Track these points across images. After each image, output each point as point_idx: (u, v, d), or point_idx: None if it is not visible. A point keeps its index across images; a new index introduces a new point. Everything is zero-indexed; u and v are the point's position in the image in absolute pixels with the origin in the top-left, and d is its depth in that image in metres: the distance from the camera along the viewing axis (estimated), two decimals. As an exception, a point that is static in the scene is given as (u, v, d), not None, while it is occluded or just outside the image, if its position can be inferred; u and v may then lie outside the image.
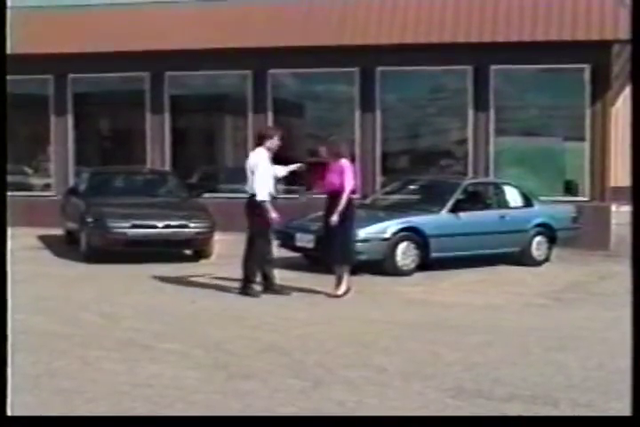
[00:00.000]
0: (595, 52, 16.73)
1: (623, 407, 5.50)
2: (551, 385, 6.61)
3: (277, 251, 13.04)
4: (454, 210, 13.49)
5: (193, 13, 18.46)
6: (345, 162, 10.85)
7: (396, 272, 12.65)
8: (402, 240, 12.79)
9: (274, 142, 10.85)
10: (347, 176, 10.65)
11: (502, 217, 14.04)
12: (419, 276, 12.74)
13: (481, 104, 17.46)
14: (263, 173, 10.60)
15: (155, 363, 7.12)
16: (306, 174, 12.84)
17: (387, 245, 12.66)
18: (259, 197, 10.55)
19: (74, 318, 9.06)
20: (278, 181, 11.44)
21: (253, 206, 10.64)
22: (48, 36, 18.69)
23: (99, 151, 20.11)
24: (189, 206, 14.61)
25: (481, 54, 17.18)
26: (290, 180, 13.24)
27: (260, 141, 10.94)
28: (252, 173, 10.64)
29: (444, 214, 13.42)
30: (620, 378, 6.24)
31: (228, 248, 14.11)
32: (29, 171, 19.92)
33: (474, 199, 14.27)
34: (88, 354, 7.35)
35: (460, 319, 9.50)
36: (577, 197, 17.15)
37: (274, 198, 10.83)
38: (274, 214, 10.59)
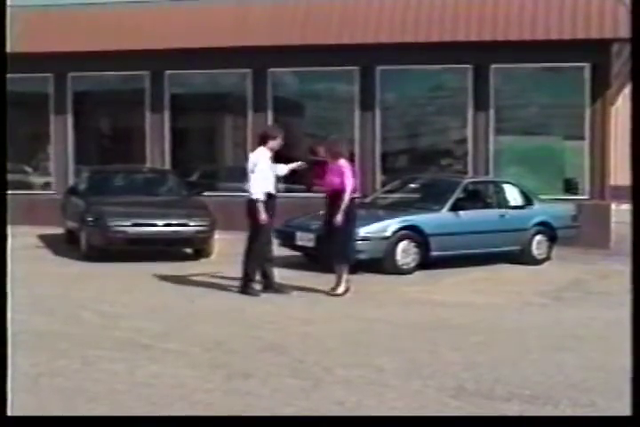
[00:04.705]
0: (594, 50, 16.74)
1: (623, 407, 5.50)
2: (551, 385, 6.61)
3: (277, 250, 13.07)
4: (454, 209, 13.49)
5: (193, 12, 18.44)
6: (344, 162, 10.87)
7: (397, 271, 12.65)
8: (402, 239, 12.79)
9: (277, 143, 10.89)
10: (347, 176, 10.67)
11: (502, 216, 14.04)
12: (419, 275, 12.75)
13: (481, 103, 17.46)
14: (259, 173, 10.61)
15: (154, 362, 7.12)
16: (306, 173, 12.85)
17: (387, 244, 12.66)
18: (253, 196, 10.57)
19: (74, 318, 9.06)
20: (279, 179, 11.41)
21: (254, 205, 10.63)
22: (48, 34, 18.69)
23: (99, 150, 20.10)
24: (189, 205, 14.61)
25: (481, 53, 17.18)
26: (290, 178, 13.21)
27: (263, 141, 10.94)
28: (252, 172, 10.65)
29: (444, 213, 13.42)
30: (620, 378, 6.24)
31: (228, 247, 14.11)
32: (29, 169, 19.93)
33: (474, 198, 14.27)
34: (88, 354, 7.35)
35: (459, 318, 9.50)
36: (577, 195, 17.16)
37: (272, 197, 10.79)
38: (263, 216, 10.55)
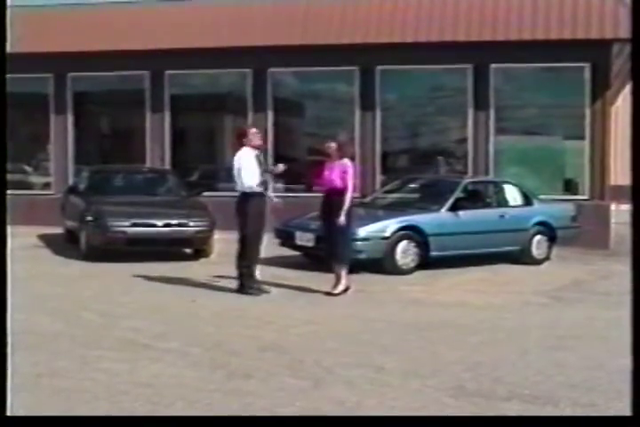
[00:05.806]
0: (594, 50, 16.74)
1: (623, 407, 5.50)
2: (551, 385, 6.61)
3: (277, 250, 13.09)
4: (454, 209, 13.49)
5: (193, 12, 18.45)
6: (348, 161, 10.89)
7: (396, 271, 12.65)
8: (402, 239, 12.78)
9: (248, 140, 10.87)
10: (349, 175, 10.69)
11: (502, 216, 14.04)
12: (418, 275, 12.74)
13: (481, 103, 17.46)
14: (247, 170, 10.61)
15: (154, 362, 7.12)
16: (306, 173, 12.81)
17: (386, 244, 12.66)
18: (246, 189, 10.56)
19: (74, 318, 9.06)
20: (277, 179, 11.39)
21: (245, 204, 10.64)
22: (48, 34, 18.68)
23: (98, 150, 20.10)
24: (189, 205, 14.61)
25: (481, 53, 17.17)
26: (288, 178, 13.20)
27: (239, 140, 11.01)
28: (239, 171, 10.68)
29: (443, 213, 13.42)
30: (620, 378, 6.24)
31: (227, 247, 14.06)
32: (29, 169, 19.92)
33: (474, 198, 14.26)
34: (88, 354, 7.35)
35: (459, 318, 9.50)
36: (577, 195, 17.16)
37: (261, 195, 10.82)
38: (271, 194, 10.67)
